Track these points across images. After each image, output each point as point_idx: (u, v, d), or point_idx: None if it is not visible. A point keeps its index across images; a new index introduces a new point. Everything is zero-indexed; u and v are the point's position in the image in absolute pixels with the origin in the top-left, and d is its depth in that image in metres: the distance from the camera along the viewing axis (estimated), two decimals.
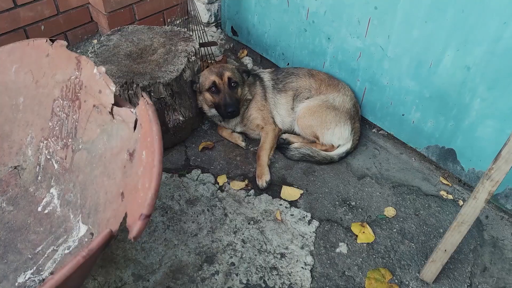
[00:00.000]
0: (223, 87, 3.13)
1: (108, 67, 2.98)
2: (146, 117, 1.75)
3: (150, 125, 1.72)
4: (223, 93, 3.12)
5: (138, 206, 1.60)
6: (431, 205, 2.98)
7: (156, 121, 1.72)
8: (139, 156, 1.78)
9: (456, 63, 2.68)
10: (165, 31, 3.38)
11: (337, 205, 2.98)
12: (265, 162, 3.16)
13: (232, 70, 3.20)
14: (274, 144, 3.30)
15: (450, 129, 2.93)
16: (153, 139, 1.69)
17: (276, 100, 3.38)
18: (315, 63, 3.59)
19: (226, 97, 3.10)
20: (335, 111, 3.21)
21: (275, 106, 3.38)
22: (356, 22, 3.09)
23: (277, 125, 3.37)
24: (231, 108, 3.08)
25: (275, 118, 3.37)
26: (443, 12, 2.59)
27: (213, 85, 3.12)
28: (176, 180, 3.07)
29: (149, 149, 1.70)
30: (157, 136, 1.68)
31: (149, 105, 1.74)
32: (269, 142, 3.26)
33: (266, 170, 3.12)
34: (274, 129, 3.32)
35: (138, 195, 1.66)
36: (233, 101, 3.10)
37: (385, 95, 3.20)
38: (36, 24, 3.66)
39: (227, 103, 3.09)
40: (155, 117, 1.72)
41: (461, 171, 3.02)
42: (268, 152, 3.22)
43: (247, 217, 2.85)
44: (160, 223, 2.79)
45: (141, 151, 1.77)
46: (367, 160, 3.32)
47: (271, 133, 3.30)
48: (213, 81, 3.11)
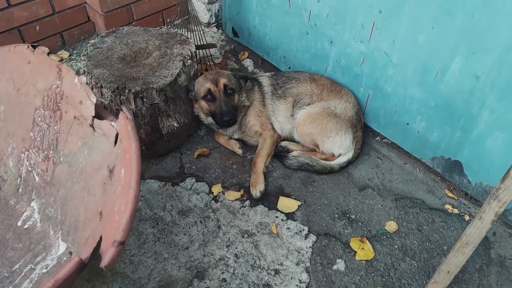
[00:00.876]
0: (219, 95, 3.00)
1: (100, 71, 2.87)
2: (126, 132, 1.63)
3: (129, 142, 1.61)
4: (219, 101, 2.99)
5: (113, 230, 1.49)
6: (435, 220, 2.83)
7: (135, 138, 1.60)
8: (118, 173, 1.67)
9: (464, 71, 2.53)
10: (161, 33, 3.26)
11: (336, 218, 2.85)
12: (261, 170, 3.04)
13: (228, 76, 3.07)
14: (271, 151, 3.17)
15: (457, 140, 2.77)
16: (131, 157, 1.57)
17: (274, 107, 3.25)
18: (317, 67, 3.44)
19: (222, 105, 2.97)
20: (336, 118, 3.07)
21: (273, 113, 3.25)
22: (359, 26, 2.94)
23: (276, 131, 3.24)
24: (227, 116, 2.95)
25: (273, 124, 3.24)
26: (451, 17, 2.43)
27: (209, 93, 2.99)
28: (169, 189, 2.95)
29: (127, 168, 1.58)
30: (135, 154, 1.57)
31: (129, 120, 1.63)
32: (267, 148, 3.13)
33: (261, 178, 3.00)
34: (272, 136, 3.19)
35: (114, 217, 1.54)
36: (229, 109, 2.97)
37: (389, 102, 3.05)
38: (30, 24, 3.57)
39: (223, 112, 2.96)
40: (134, 134, 1.61)
41: (467, 184, 2.87)
42: (265, 159, 3.09)
43: (241, 230, 2.73)
44: (151, 235, 2.68)
45: (120, 168, 1.65)
46: (369, 170, 3.18)
47: (269, 139, 3.17)
48: (208, 89, 2.98)
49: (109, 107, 2.84)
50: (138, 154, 1.55)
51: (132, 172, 1.53)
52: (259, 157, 3.10)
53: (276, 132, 3.23)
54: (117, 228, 1.44)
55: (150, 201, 2.87)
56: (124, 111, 1.65)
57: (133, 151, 1.56)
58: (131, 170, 1.54)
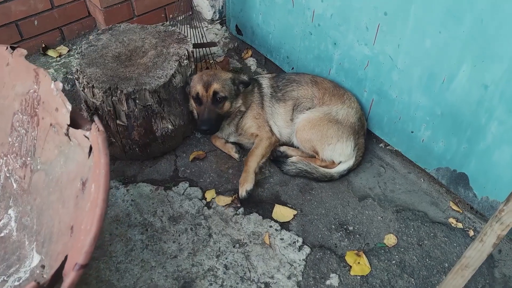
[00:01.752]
0: (206, 100, 2.88)
1: (93, 70, 2.78)
2: (96, 145, 1.53)
3: (99, 156, 1.51)
4: (204, 106, 2.88)
5: (77, 251, 1.40)
6: (437, 235, 2.69)
7: (105, 151, 1.50)
8: (89, 188, 1.58)
9: (472, 80, 2.37)
10: (158, 31, 3.15)
11: (333, 229, 2.72)
12: (252, 169, 2.92)
13: (223, 81, 2.92)
14: (267, 152, 3.04)
15: (463, 151, 2.62)
16: (99, 173, 1.48)
17: (273, 110, 3.12)
18: (321, 69, 3.30)
19: (205, 112, 2.86)
20: (337, 125, 2.94)
21: (272, 116, 3.12)
22: (364, 28, 2.79)
23: (274, 134, 3.12)
24: (205, 126, 2.84)
25: (272, 128, 3.12)
26: (459, 21, 2.27)
27: (197, 95, 2.88)
28: (161, 194, 2.86)
29: (97, 183, 1.49)
30: (103, 170, 1.47)
31: (100, 132, 1.53)
32: (262, 148, 3.01)
33: (250, 177, 2.87)
34: (270, 137, 3.07)
35: (80, 236, 1.45)
36: (210, 118, 2.85)
37: (394, 109, 2.90)
38: (28, 18, 3.49)
39: (203, 119, 2.85)
40: (104, 147, 1.51)
41: (473, 198, 2.71)
42: (258, 159, 2.97)
43: (233, 239, 2.63)
44: (139, 241, 2.60)
45: (91, 183, 1.56)
46: (370, 178, 3.04)
47: (266, 140, 3.04)
48: (197, 91, 2.87)
49: (101, 108, 2.75)
50: (107, 170, 1.45)
51: (100, 188, 1.43)
52: (252, 156, 2.98)
53: (274, 135, 3.11)
54: (80, 250, 1.35)
55: (141, 205, 2.78)
56: (96, 122, 1.56)
57: (101, 166, 1.46)
58: (99, 187, 1.44)
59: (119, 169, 3.04)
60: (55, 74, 3.50)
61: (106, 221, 2.70)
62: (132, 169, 3.04)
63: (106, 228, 2.66)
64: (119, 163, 3.07)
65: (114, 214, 2.74)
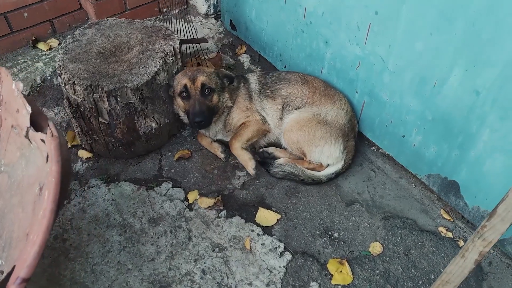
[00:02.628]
0: (195, 93, 2.80)
1: (75, 66, 2.72)
2: (50, 151, 1.47)
3: (51, 162, 1.44)
4: (193, 99, 2.79)
5: (23, 262, 1.34)
6: (425, 244, 2.59)
7: (57, 159, 1.43)
8: (44, 194, 1.51)
9: (464, 85, 2.25)
10: (145, 26, 3.07)
11: (317, 235, 2.64)
12: (239, 149, 2.94)
13: (208, 74, 2.85)
14: (253, 136, 2.98)
15: (454, 159, 2.51)
16: (50, 181, 1.41)
17: (262, 105, 3.02)
18: (313, 68, 3.20)
19: (195, 104, 2.77)
20: (326, 126, 2.84)
21: (262, 109, 3.01)
22: (355, 27, 2.68)
23: (266, 123, 3.02)
24: (198, 117, 2.75)
25: (265, 117, 3.02)
26: (451, 23, 2.16)
27: (184, 90, 2.79)
28: (142, 194, 2.80)
29: (49, 191, 1.42)
30: (53, 178, 1.40)
31: (53, 138, 1.46)
32: (248, 132, 2.96)
33: (246, 157, 2.92)
34: (258, 121, 2.98)
35: (27, 247, 1.39)
36: (202, 110, 2.77)
37: (385, 111, 2.80)
38: (18, 10, 3.43)
39: (195, 112, 2.76)
40: (56, 154, 1.44)
41: (464, 207, 2.60)
42: (243, 140, 2.95)
43: (213, 243, 2.56)
44: (116, 243, 2.55)
45: (45, 189, 1.49)
46: (360, 183, 2.94)
47: (253, 125, 2.97)
48: (184, 85, 2.78)
49: (83, 105, 2.69)
50: (58, 178, 1.38)
51: (49, 198, 1.37)
52: (234, 138, 2.96)
53: (266, 124, 3.01)
54: (24, 263, 1.29)
55: (121, 206, 2.72)
56: (50, 126, 1.49)
57: (52, 174, 1.39)
58: (49, 195, 1.38)
59: (102, 167, 2.98)
60: (44, 68, 3.45)
61: (85, 221, 2.65)
62: (115, 167, 2.98)
63: (84, 228, 2.61)
64: (103, 161, 3.01)
65: (94, 213, 2.68)
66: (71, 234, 2.58)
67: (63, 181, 1.48)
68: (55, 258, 2.47)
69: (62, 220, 2.64)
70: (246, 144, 2.96)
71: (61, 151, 1.51)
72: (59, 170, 1.41)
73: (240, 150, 2.95)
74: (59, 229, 2.60)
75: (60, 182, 1.46)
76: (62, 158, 1.49)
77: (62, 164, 1.48)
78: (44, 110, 3.28)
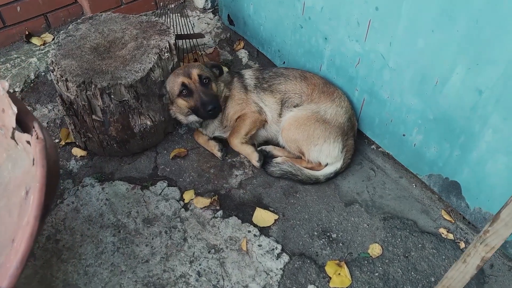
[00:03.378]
0: (195, 87, 2.74)
1: (68, 62, 2.65)
2: (35, 155, 1.41)
3: (37, 167, 1.38)
4: (196, 93, 2.73)
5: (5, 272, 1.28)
6: (425, 246, 2.54)
7: (42, 163, 1.37)
8: (29, 199, 1.45)
9: (466, 84, 2.19)
10: (140, 21, 3.00)
11: (315, 236, 2.59)
12: (239, 145, 2.91)
13: (199, 66, 2.82)
14: (251, 128, 2.91)
15: (456, 159, 2.45)
16: (35, 186, 1.35)
17: (260, 96, 2.96)
18: (312, 64, 3.13)
19: (201, 96, 2.71)
20: (325, 124, 2.78)
21: (260, 100, 2.95)
22: (355, 23, 2.61)
23: (263, 114, 2.94)
24: (211, 105, 2.68)
25: (262, 108, 2.94)
26: (453, 21, 2.09)
27: (184, 88, 2.72)
28: (137, 193, 2.74)
29: (34, 197, 1.36)
30: (38, 183, 1.34)
31: (38, 140, 1.40)
32: (245, 125, 2.89)
33: (249, 149, 2.90)
34: (254, 112, 2.91)
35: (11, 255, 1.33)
36: (211, 98, 2.71)
37: (385, 110, 2.73)
38: (11, 4, 3.35)
39: (205, 102, 2.69)
40: (41, 158, 1.38)
41: (465, 208, 2.55)
42: (241, 134, 2.89)
43: (209, 244, 2.51)
44: (110, 243, 2.49)
45: (31, 194, 1.44)
46: (359, 182, 2.89)
47: (250, 117, 2.90)
48: (182, 83, 2.71)
49: (76, 102, 2.63)
50: (43, 184, 1.33)
51: (33, 204, 1.31)
52: (232, 135, 2.92)
53: (262, 115, 2.93)
54: (6, 273, 1.23)
55: (115, 205, 2.67)
56: (35, 128, 1.42)
57: (37, 178, 1.33)
58: (34, 201, 1.32)
59: (97, 165, 2.92)
60: (37, 64, 3.38)
61: (78, 221, 2.59)
62: (110, 166, 2.92)
63: (77, 229, 2.55)
64: (97, 159, 2.95)
65: (87, 213, 2.63)
66: (64, 235, 2.53)
67: (49, 185, 1.43)
68: (47, 259, 2.42)
69: (55, 220, 2.59)
70: (245, 138, 2.90)
71: (48, 154, 1.45)
72: (45, 174, 1.35)
73: (240, 145, 2.91)
74: (51, 229, 2.55)
75: (47, 187, 1.40)
76: (48, 161, 1.43)
77: (48, 168, 1.43)
78: (38, 106, 3.22)
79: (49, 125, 3.10)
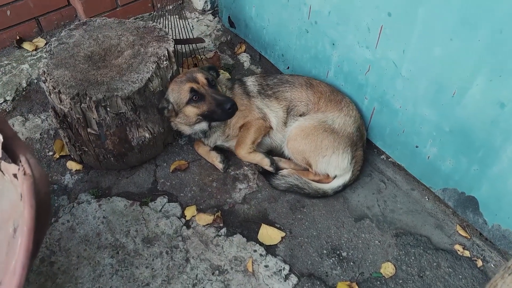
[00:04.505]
0: (205, 90, 2.59)
1: (61, 72, 2.50)
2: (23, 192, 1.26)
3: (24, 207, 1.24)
4: (208, 95, 2.57)
5: None
6: (440, 264, 2.41)
7: (30, 203, 1.23)
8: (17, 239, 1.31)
9: (487, 96, 2.05)
10: (137, 27, 2.84)
11: (324, 254, 2.45)
12: (248, 155, 2.76)
13: (199, 70, 2.70)
14: (257, 137, 2.76)
15: (474, 174, 2.31)
16: (22, 230, 1.21)
17: (264, 103, 2.81)
18: (318, 70, 2.98)
19: (215, 97, 2.56)
20: (333, 135, 2.64)
21: (265, 106, 2.81)
22: (365, 29, 2.46)
23: (267, 120, 2.79)
24: (229, 103, 2.51)
25: (267, 115, 2.80)
26: (474, 29, 1.94)
27: (194, 93, 2.56)
28: (136, 210, 2.60)
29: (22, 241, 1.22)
30: (26, 227, 1.20)
31: (26, 177, 1.25)
32: (250, 134, 2.74)
33: (258, 157, 2.77)
34: (258, 119, 2.76)
35: None
36: (225, 97, 2.58)
37: (397, 120, 2.59)
38: (0, 8, 3.18)
39: (221, 102, 2.53)
40: (30, 197, 1.23)
41: (483, 224, 2.42)
42: (248, 144, 2.75)
43: (213, 265, 2.37)
44: (108, 266, 2.35)
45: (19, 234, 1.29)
46: (369, 195, 2.75)
47: (255, 125, 2.75)
48: (191, 88, 2.55)
49: (70, 115, 2.48)
50: (31, 226, 1.18)
51: (21, 249, 1.17)
52: (238, 146, 2.78)
53: (267, 121, 2.78)
54: None
55: (113, 224, 2.53)
56: (22, 162, 1.28)
57: (25, 220, 1.19)
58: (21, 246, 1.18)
59: (93, 179, 2.77)
60: (29, 70, 3.22)
61: (74, 241, 2.45)
62: (107, 180, 2.78)
63: (73, 250, 2.41)
64: (94, 173, 2.81)
65: (84, 233, 2.49)
66: (59, 257, 2.39)
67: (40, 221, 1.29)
68: (41, 284, 2.28)
69: (49, 240, 2.45)
70: (252, 147, 2.75)
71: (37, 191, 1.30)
72: (33, 216, 1.20)
73: (248, 155, 2.77)
74: (46, 250, 2.41)
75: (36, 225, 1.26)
76: (38, 197, 1.28)
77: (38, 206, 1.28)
78: (31, 116, 3.06)
79: (43, 136, 2.95)
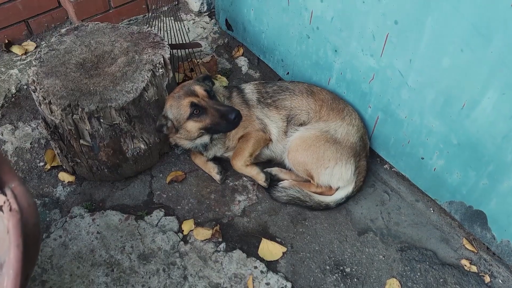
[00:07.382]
0: (206, 102, 2.47)
1: (51, 81, 2.38)
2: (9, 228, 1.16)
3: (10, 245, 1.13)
4: (210, 107, 2.45)
5: None
6: (447, 281, 2.33)
7: (17, 242, 1.13)
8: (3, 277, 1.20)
9: (499, 110, 1.96)
10: (131, 32, 2.72)
11: (327, 270, 2.37)
12: (244, 167, 2.67)
13: (196, 82, 2.59)
14: (255, 149, 2.67)
15: (482, 188, 2.23)
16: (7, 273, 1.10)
17: (264, 112, 2.71)
18: (319, 77, 2.88)
19: (218, 108, 2.44)
20: (336, 145, 2.54)
21: (265, 116, 2.71)
22: (370, 36, 2.36)
23: (267, 132, 2.69)
24: (233, 113, 2.40)
25: (267, 126, 2.70)
26: (487, 40, 1.85)
27: (195, 107, 2.44)
28: (131, 224, 2.50)
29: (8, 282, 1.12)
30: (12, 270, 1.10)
31: (12, 213, 1.15)
32: (248, 146, 2.65)
33: (254, 171, 2.68)
34: (257, 131, 2.67)
35: None
36: (228, 107, 2.47)
37: (402, 130, 2.50)
38: None
39: (224, 112, 2.42)
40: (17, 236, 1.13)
41: (491, 240, 2.34)
42: (245, 156, 2.66)
43: (212, 283, 2.28)
44: (103, 284, 2.26)
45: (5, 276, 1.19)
46: (372, 207, 2.66)
47: (254, 137, 2.65)
48: (191, 103, 2.44)
49: (61, 127, 2.36)
50: (17, 269, 1.08)
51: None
52: (235, 157, 2.69)
53: (266, 133, 2.69)
54: None
55: (108, 239, 2.42)
56: (8, 197, 1.17)
57: (10, 262, 1.09)
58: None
59: (86, 191, 2.67)
60: (19, 76, 3.10)
61: (67, 258, 2.35)
62: (101, 192, 2.67)
63: (66, 267, 2.31)
64: (87, 184, 2.70)
65: (77, 249, 2.38)
66: (51, 275, 2.28)
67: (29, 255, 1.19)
68: None
69: (41, 257, 2.34)
70: (249, 160, 2.66)
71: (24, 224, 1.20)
72: (20, 257, 1.10)
73: (245, 168, 2.68)
74: (37, 268, 2.30)
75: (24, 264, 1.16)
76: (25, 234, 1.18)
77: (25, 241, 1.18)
78: (20, 124, 2.94)
79: (33, 145, 2.83)
